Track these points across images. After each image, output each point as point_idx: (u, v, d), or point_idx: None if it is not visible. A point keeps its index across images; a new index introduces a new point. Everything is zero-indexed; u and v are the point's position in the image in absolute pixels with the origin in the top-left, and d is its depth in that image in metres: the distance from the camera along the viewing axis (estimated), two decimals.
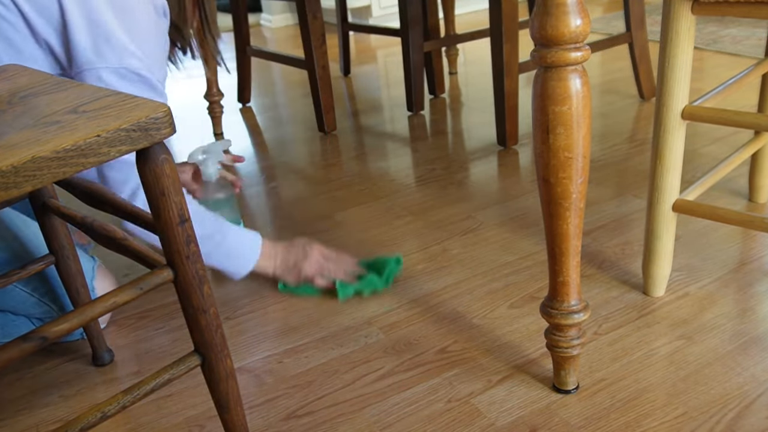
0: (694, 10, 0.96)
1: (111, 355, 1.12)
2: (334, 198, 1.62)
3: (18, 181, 0.57)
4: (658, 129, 1.02)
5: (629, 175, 1.58)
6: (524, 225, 1.41)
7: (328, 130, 2.07)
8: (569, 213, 0.82)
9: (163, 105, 0.66)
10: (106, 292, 0.70)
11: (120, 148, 0.62)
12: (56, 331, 0.66)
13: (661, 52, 0.99)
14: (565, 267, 0.86)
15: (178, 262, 0.71)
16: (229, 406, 0.81)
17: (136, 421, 0.99)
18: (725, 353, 1.00)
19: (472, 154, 1.80)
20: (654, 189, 1.06)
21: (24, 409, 1.04)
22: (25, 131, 0.62)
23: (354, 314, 1.18)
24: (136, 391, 0.73)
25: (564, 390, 0.95)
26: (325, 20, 2.71)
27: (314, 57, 1.97)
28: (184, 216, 0.70)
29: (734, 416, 0.89)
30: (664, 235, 1.08)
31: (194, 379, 1.05)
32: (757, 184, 1.38)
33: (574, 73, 0.75)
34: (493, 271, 1.26)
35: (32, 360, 1.14)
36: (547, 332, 0.92)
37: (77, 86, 0.74)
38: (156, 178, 0.67)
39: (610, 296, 1.15)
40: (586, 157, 0.80)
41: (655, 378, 0.96)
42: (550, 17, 0.73)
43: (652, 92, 2.04)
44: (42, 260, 0.99)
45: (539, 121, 0.79)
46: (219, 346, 0.77)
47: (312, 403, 0.99)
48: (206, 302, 0.74)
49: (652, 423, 0.89)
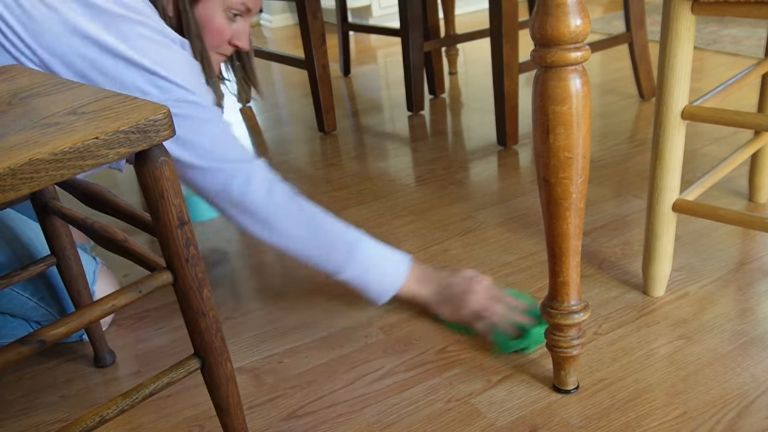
0: (694, 10, 0.95)
1: (113, 356, 1.12)
2: (334, 198, 1.62)
3: (15, 184, 0.56)
4: (658, 129, 1.02)
5: (629, 175, 1.58)
6: (524, 225, 1.41)
7: (328, 130, 2.07)
8: (569, 213, 0.82)
9: (161, 107, 0.66)
10: (105, 295, 0.70)
11: (119, 150, 0.62)
12: (54, 335, 0.66)
13: (661, 52, 0.99)
14: (565, 267, 0.86)
15: (178, 265, 0.71)
16: (229, 409, 0.81)
17: (136, 420, 0.99)
18: (725, 353, 1.00)
19: (472, 154, 1.80)
20: (654, 189, 1.05)
21: (24, 409, 1.03)
22: (23, 133, 0.62)
23: (354, 314, 1.18)
24: (135, 394, 0.73)
25: (564, 390, 0.95)
26: (325, 20, 2.71)
27: (314, 57, 1.96)
28: (183, 219, 0.70)
29: (734, 416, 0.88)
30: (664, 235, 1.08)
31: (194, 380, 1.05)
32: (757, 184, 1.37)
33: (574, 73, 0.75)
34: (493, 271, 1.26)
35: (32, 360, 1.14)
36: (547, 332, 0.92)
37: (77, 87, 0.74)
38: (155, 181, 0.67)
39: (610, 296, 1.15)
40: (586, 157, 0.80)
41: (655, 378, 0.96)
42: (550, 17, 0.73)
43: (652, 92, 2.04)
44: (43, 261, 0.99)
45: (539, 121, 0.79)
46: (219, 349, 0.77)
47: (312, 403, 0.99)
48: (206, 305, 0.74)
49: (652, 423, 0.89)
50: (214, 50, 1.11)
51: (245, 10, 1.10)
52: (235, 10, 1.08)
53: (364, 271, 1.07)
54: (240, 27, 1.11)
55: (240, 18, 1.10)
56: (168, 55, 0.94)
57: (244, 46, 1.14)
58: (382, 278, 1.08)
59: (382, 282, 1.08)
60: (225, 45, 1.12)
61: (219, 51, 1.12)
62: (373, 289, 1.09)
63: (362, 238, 1.08)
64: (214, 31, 1.07)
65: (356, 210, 1.55)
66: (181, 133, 0.95)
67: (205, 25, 1.06)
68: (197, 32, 1.06)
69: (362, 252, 1.07)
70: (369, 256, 1.07)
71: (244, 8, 1.09)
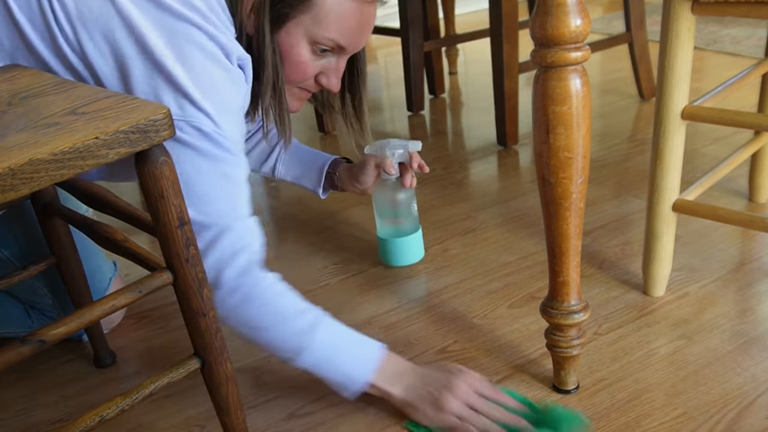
0: (694, 10, 0.95)
1: (113, 356, 1.12)
2: (334, 198, 1.62)
3: (15, 184, 0.56)
4: (658, 129, 1.02)
5: (629, 175, 1.57)
6: (524, 225, 1.41)
7: (329, 130, 2.07)
8: (569, 213, 0.82)
9: (161, 107, 0.66)
10: (105, 296, 0.70)
11: (118, 150, 0.62)
12: (54, 335, 0.66)
13: (661, 52, 0.99)
14: (565, 267, 0.86)
15: (178, 265, 0.71)
16: (229, 409, 0.81)
17: (136, 420, 0.99)
18: (725, 353, 1.00)
19: (472, 154, 1.80)
20: (654, 189, 1.05)
21: (24, 409, 1.03)
22: (23, 133, 0.62)
23: (354, 314, 1.17)
24: (135, 394, 0.73)
25: (564, 390, 0.95)
26: None
27: None
28: (183, 219, 0.70)
29: (734, 416, 0.88)
30: (664, 235, 1.08)
31: (194, 379, 1.05)
32: (757, 184, 1.37)
33: (574, 73, 0.75)
34: (493, 271, 1.26)
35: (33, 360, 1.14)
36: (547, 332, 0.92)
37: (77, 87, 0.74)
38: (155, 181, 0.67)
39: (610, 296, 1.15)
40: (586, 157, 0.80)
41: (655, 378, 0.96)
42: (550, 17, 0.73)
43: (652, 92, 2.03)
44: (43, 261, 0.99)
45: (539, 121, 0.79)
46: (219, 349, 0.77)
47: (312, 403, 0.99)
48: (206, 305, 0.74)
49: (652, 423, 0.89)
50: (295, 84, 0.98)
51: (336, 48, 0.94)
52: (323, 46, 0.93)
53: (324, 361, 0.90)
54: (328, 64, 0.97)
55: (330, 54, 0.96)
56: (210, 72, 0.82)
57: (330, 86, 0.99)
58: (347, 369, 0.91)
59: (345, 374, 0.91)
60: (309, 81, 0.98)
61: (301, 85, 0.99)
62: (336, 380, 0.91)
63: (325, 319, 0.92)
64: (294, 63, 0.94)
65: (356, 210, 1.55)
66: (176, 168, 0.75)
67: (285, 56, 0.93)
68: (274, 61, 0.92)
69: (323, 335, 0.90)
70: (329, 343, 0.90)
71: (333, 45, 0.93)
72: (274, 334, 0.89)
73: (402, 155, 1.19)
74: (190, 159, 0.82)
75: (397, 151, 1.18)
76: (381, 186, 1.23)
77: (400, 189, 1.23)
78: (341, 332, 0.92)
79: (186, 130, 0.80)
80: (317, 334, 0.89)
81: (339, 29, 0.92)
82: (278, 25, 0.91)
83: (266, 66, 0.92)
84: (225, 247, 0.85)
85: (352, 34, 0.94)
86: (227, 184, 0.85)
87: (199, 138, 0.81)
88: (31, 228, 1.07)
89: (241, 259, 0.86)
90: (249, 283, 0.87)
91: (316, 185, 1.24)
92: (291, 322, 0.89)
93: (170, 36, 0.80)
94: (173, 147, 0.79)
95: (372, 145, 1.20)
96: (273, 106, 0.96)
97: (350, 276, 1.29)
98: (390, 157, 1.17)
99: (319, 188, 1.23)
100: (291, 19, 0.91)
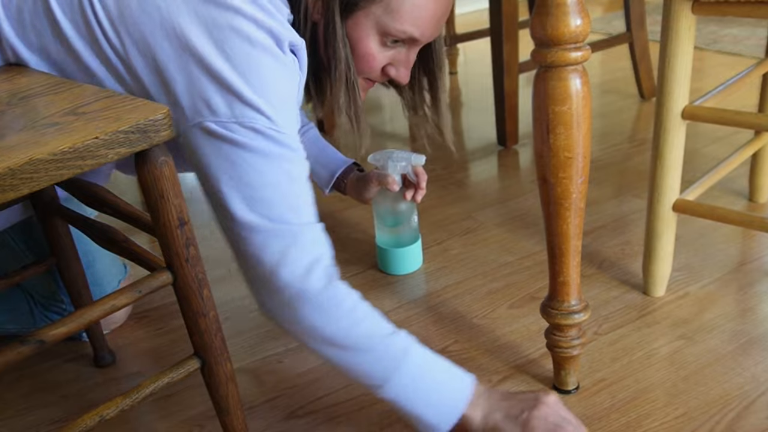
0: (694, 10, 0.95)
1: (113, 356, 1.12)
2: (334, 198, 1.62)
3: (15, 184, 0.56)
4: (658, 129, 1.02)
5: (629, 175, 1.57)
6: (524, 225, 1.41)
7: (329, 131, 2.07)
8: (569, 213, 0.82)
9: (162, 107, 0.66)
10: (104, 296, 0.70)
11: (118, 150, 0.62)
12: (54, 335, 0.66)
13: (661, 52, 0.99)
14: (565, 267, 0.86)
15: (178, 265, 0.71)
16: (229, 409, 0.81)
17: (135, 420, 0.99)
18: (725, 353, 0.99)
19: (472, 154, 1.80)
20: (654, 189, 1.05)
21: (24, 409, 1.03)
22: (23, 133, 0.62)
23: None
24: (135, 394, 0.73)
25: (564, 390, 0.95)
26: None
27: None
28: (183, 219, 0.69)
29: (734, 416, 0.88)
30: (664, 235, 1.08)
31: (194, 379, 1.05)
32: (757, 184, 1.37)
33: (574, 73, 0.75)
34: (493, 271, 1.26)
35: (32, 360, 1.14)
36: (547, 332, 0.92)
37: (77, 87, 0.74)
38: (155, 181, 0.67)
39: (610, 296, 1.15)
40: (586, 157, 0.80)
41: (656, 378, 0.96)
42: (550, 17, 0.73)
43: (652, 92, 2.03)
44: (43, 261, 0.99)
45: (539, 120, 0.78)
46: (219, 349, 0.77)
47: (312, 403, 0.99)
48: (206, 306, 0.74)
49: (652, 423, 0.89)
50: (361, 75, 0.93)
51: (407, 39, 0.89)
52: (394, 37, 0.88)
53: (412, 390, 0.81)
54: (398, 55, 0.92)
55: (401, 45, 0.91)
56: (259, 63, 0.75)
57: (399, 78, 0.94)
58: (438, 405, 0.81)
59: (438, 411, 0.81)
60: (376, 73, 0.93)
61: (367, 76, 0.94)
62: (428, 420, 0.81)
63: (414, 345, 0.82)
64: (362, 54, 0.89)
65: (356, 210, 1.55)
66: (234, 173, 0.75)
67: (353, 47, 0.88)
68: (346, 54, 0.87)
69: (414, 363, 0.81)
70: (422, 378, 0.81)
71: (405, 36, 0.87)
72: (363, 357, 0.81)
73: (404, 167, 1.19)
74: (248, 161, 0.75)
75: (400, 163, 1.19)
76: (382, 195, 1.22)
77: (401, 200, 1.22)
78: (432, 360, 0.83)
79: (239, 131, 0.74)
80: (407, 361, 0.80)
81: (413, 20, 0.86)
82: (345, 15, 0.86)
83: (338, 60, 0.87)
84: (297, 260, 0.78)
85: (426, 24, 0.87)
86: (290, 185, 0.78)
87: (255, 138, 0.75)
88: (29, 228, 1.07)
89: (318, 272, 0.79)
90: (335, 301, 0.80)
91: (323, 185, 1.25)
92: (380, 346, 0.81)
93: (212, 30, 0.74)
94: (229, 150, 0.74)
95: (376, 155, 1.21)
96: (348, 103, 0.91)
97: (350, 276, 1.29)
98: (392, 171, 1.18)
99: (326, 189, 1.25)
100: (360, 9, 0.85)
